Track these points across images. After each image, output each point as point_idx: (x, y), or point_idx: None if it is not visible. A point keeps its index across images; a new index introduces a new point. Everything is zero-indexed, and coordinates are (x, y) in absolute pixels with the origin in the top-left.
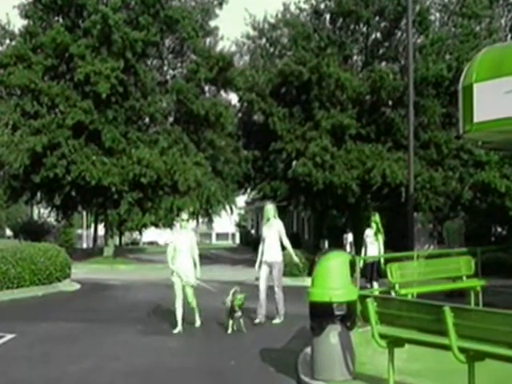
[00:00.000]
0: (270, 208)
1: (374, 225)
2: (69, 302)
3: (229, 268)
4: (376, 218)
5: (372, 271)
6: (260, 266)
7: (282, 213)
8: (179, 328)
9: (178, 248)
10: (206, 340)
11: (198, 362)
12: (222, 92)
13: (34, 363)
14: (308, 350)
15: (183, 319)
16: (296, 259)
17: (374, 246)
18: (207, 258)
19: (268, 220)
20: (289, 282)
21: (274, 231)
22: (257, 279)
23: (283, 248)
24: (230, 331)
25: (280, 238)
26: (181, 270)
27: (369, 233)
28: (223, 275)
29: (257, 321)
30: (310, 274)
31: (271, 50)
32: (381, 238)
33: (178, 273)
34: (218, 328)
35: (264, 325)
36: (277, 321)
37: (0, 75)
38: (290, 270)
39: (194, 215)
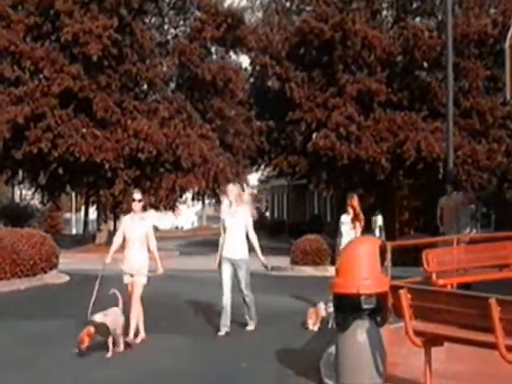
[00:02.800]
0: (233, 189)
1: (350, 210)
2: (56, 296)
3: None
4: (353, 201)
5: None
6: (220, 264)
7: (301, 192)
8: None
9: (128, 238)
10: (212, 340)
11: (205, 365)
12: (232, 54)
13: (14, 371)
14: (332, 349)
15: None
16: (264, 261)
17: (351, 235)
18: (215, 245)
19: (230, 205)
20: (310, 271)
21: (238, 220)
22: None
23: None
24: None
25: (246, 230)
26: (129, 266)
27: (344, 219)
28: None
29: (221, 333)
30: (333, 262)
31: (287, 4)
32: (358, 226)
33: (125, 269)
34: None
35: (278, 321)
36: (251, 327)
37: None
38: (311, 258)
39: (199, 196)
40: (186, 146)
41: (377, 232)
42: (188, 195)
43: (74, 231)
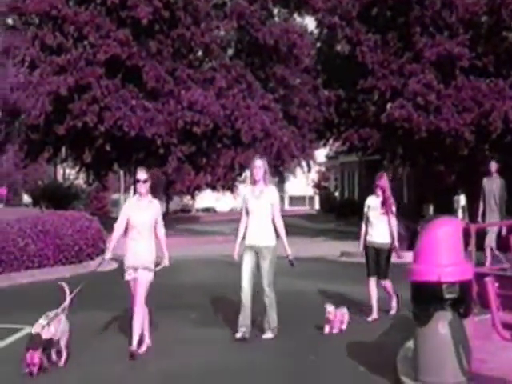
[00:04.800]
0: (261, 165)
1: (379, 191)
2: (103, 285)
3: (306, 241)
4: (383, 180)
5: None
6: (241, 253)
7: (374, 169)
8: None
9: (133, 225)
10: (277, 333)
11: (269, 359)
12: (296, 15)
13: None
14: (410, 343)
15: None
16: (290, 254)
17: (383, 222)
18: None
19: (255, 184)
20: None
21: (264, 203)
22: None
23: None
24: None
25: (272, 214)
26: (133, 259)
27: (372, 203)
28: (299, 250)
29: (238, 335)
30: (411, 247)
31: None
32: (393, 209)
33: (128, 263)
34: (296, 317)
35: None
36: (268, 335)
37: (13, 0)
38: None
39: None
40: (245, 118)
41: (459, 213)
42: (248, 173)
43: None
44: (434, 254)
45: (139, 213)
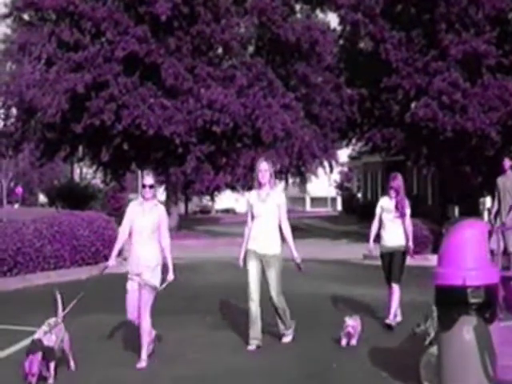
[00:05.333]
0: (266, 168)
1: (393, 193)
2: (121, 287)
3: (328, 243)
4: (397, 181)
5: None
6: (245, 261)
7: (398, 170)
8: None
9: (136, 230)
10: (296, 339)
11: (289, 364)
12: (318, 12)
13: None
14: (433, 349)
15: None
16: (297, 259)
17: (396, 225)
18: (299, 229)
19: (260, 188)
20: (408, 260)
21: (271, 207)
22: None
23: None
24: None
25: (279, 219)
26: (136, 265)
27: (386, 204)
28: (321, 253)
29: (251, 347)
30: (435, 250)
31: None
32: (407, 212)
33: (131, 270)
34: (316, 322)
35: (364, 317)
36: (287, 338)
37: None
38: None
39: (281, 174)
40: (266, 117)
41: (485, 216)
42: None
43: None
44: (459, 257)
45: (142, 216)
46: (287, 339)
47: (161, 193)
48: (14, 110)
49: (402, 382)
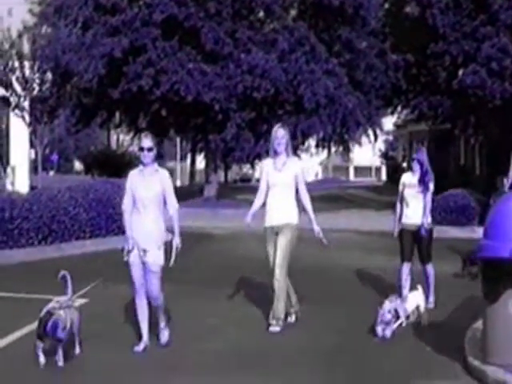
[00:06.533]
0: (283, 135)
1: (417, 167)
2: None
3: (372, 214)
4: (421, 155)
5: None
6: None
7: (445, 139)
8: (142, 345)
9: (138, 200)
10: (334, 311)
11: (330, 338)
12: None
13: (104, 341)
14: (478, 324)
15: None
16: (318, 230)
17: (419, 200)
18: (343, 199)
19: (276, 155)
20: (454, 232)
21: (288, 175)
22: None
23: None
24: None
25: (296, 187)
26: (139, 239)
27: (408, 179)
28: (363, 224)
29: (275, 328)
30: (481, 221)
31: None
32: (431, 186)
33: (133, 245)
34: (343, 294)
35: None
36: (292, 318)
37: None
38: (456, 216)
39: (324, 142)
40: (309, 83)
41: None
42: (311, 142)
43: (178, 183)
44: (506, 229)
45: (143, 185)
46: (293, 319)
47: (200, 161)
48: (49, 75)
49: (446, 356)
